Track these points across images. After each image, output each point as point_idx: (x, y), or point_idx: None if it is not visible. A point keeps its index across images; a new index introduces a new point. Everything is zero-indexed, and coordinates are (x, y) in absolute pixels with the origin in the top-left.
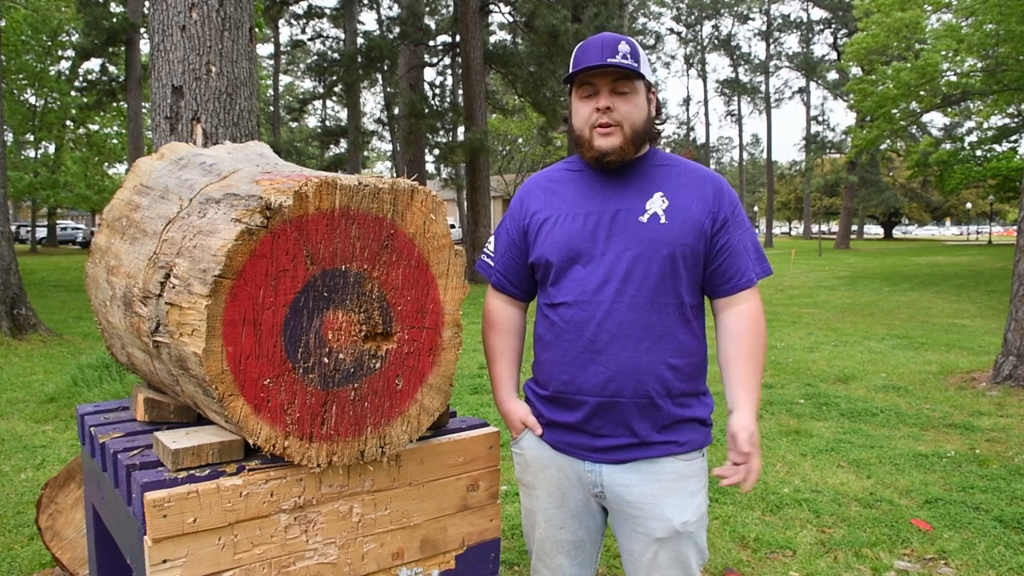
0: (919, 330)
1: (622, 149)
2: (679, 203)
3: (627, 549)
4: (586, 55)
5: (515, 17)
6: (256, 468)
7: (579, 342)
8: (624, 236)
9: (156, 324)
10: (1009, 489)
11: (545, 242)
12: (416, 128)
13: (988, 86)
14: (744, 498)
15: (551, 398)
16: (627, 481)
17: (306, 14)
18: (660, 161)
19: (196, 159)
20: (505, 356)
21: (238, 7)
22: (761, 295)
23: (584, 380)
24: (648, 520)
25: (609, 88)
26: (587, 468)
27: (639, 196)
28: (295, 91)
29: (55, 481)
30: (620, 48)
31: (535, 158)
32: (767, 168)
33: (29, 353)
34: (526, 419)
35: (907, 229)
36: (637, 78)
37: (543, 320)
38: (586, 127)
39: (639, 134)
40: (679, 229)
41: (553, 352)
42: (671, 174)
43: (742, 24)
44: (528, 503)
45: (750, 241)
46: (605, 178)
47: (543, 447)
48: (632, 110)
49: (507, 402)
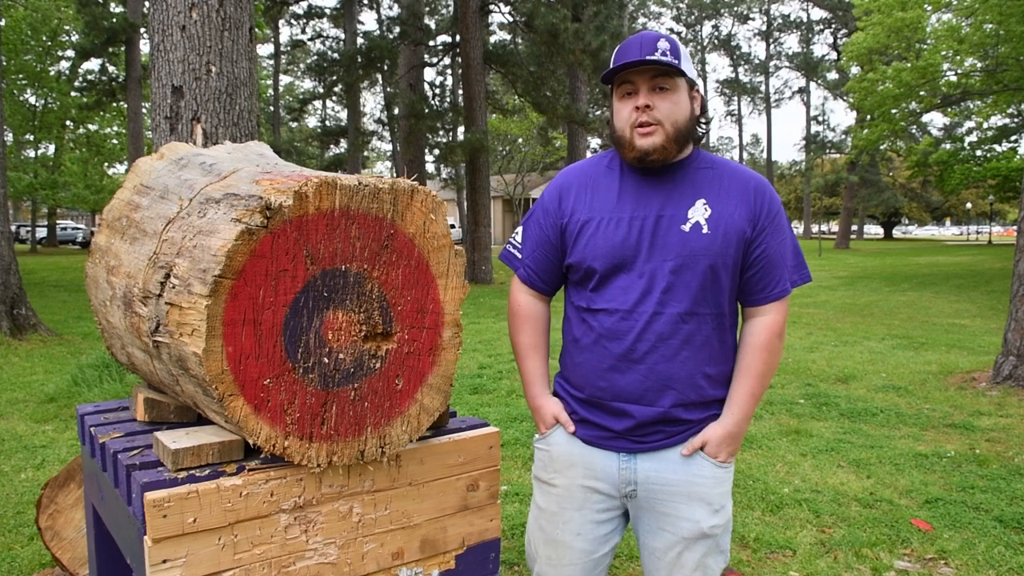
0: (919, 330)
1: (664, 148)
2: (722, 211)
3: (650, 547)
4: (625, 53)
5: (515, 17)
6: (256, 468)
7: (617, 350)
8: (667, 246)
9: (156, 324)
10: (1009, 489)
11: (588, 247)
12: (416, 128)
13: (988, 86)
14: (744, 498)
15: (585, 400)
16: (663, 477)
17: (306, 14)
18: (703, 164)
19: (196, 159)
20: (537, 352)
21: (238, 7)
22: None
23: (621, 388)
24: (677, 519)
25: (648, 86)
26: (622, 463)
27: (682, 202)
28: (295, 91)
29: (55, 481)
30: (659, 45)
31: (535, 158)
32: (767, 168)
33: (29, 353)
34: (559, 415)
35: (907, 229)
36: (677, 75)
37: (580, 323)
38: (627, 127)
39: (681, 133)
40: (721, 240)
41: (590, 356)
42: (714, 178)
43: (742, 24)
44: (544, 502)
45: (789, 248)
46: (647, 179)
47: (573, 443)
48: (673, 108)
49: (540, 397)
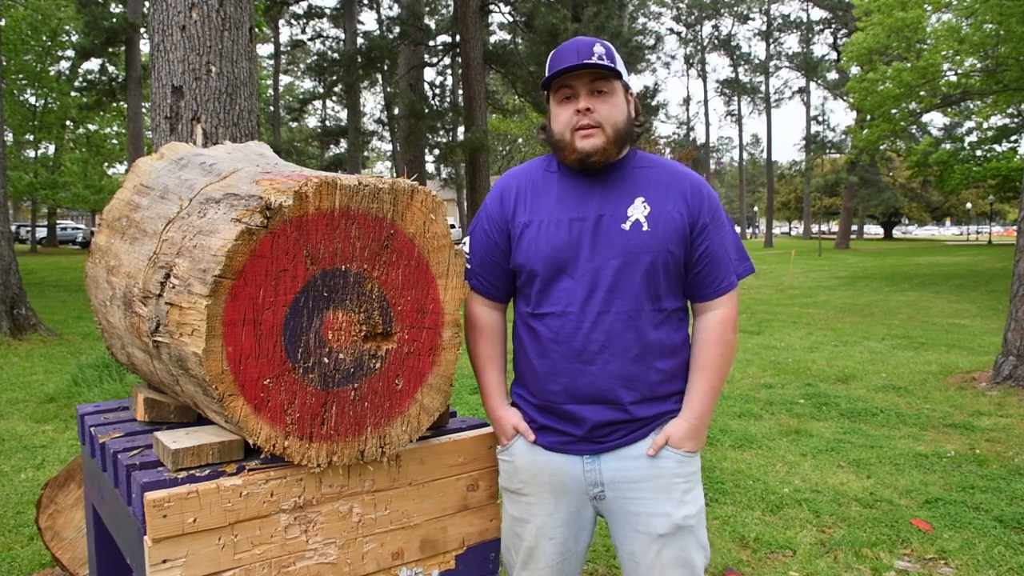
0: (919, 330)
1: (605, 150)
2: (661, 208)
3: (628, 551)
4: (562, 59)
5: (515, 17)
6: (256, 468)
7: (568, 353)
8: (608, 245)
9: (156, 324)
10: (1009, 489)
11: (529, 249)
12: (416, 128)
13: (988, 86)
14: (744, 498)
15: (541, 406)
16: (628, 475)
17: (306, 14)
18: (641, 163)
19: (196, 159)
20: (494, 363)
21: (238, 7)
22: (760, 295)
23: (576, 390)
24: (649, 517)
25: (587, 89)
26: (587, 466)
27: (621, 201)
28: (295, 91)
29: (55, 481)
30: (595, 50)
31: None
32: (767, 168)
33: (29, 353)
34: (518, 424)
35: (907, 229)
36: (615, 78)
37: (527, 329)
38: (567, 130)
39: (621, 134)
40: (661, 236)
41: (542, 362)
42: (652, 177)
43: (742, 24)
44: (515, 510)
45: (731, 243)
46: (587, 180)
47: (535, 451)
48: (612, 110)
49: (499, 408)
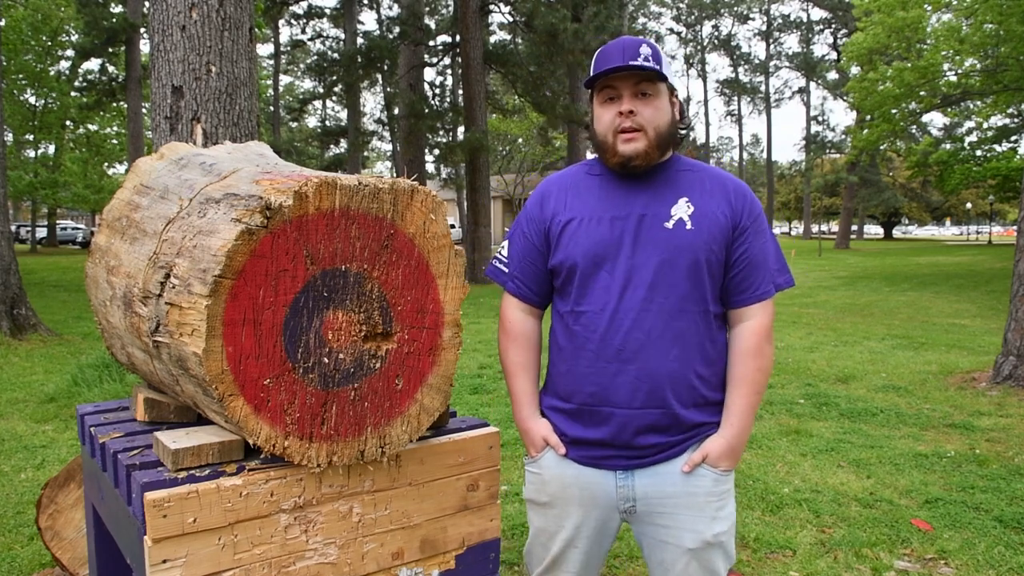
0: (919, 330)
1: (647, 153)
2: (705, 208)
3: (656, 559)
4: (607, 59)
5: (515, 17)
6: (256, 468)
7: (607, 351)
8: (650, 243)
9: (156, 324)
10: (1009, 489)
11: (569, 245)
12: (416, 128)
13: (988, 86)
14: (744, 498)
15: (575, 412)
16: (662, 491)
17: (306, 14)
18: (684, 167)
19: (196, 159)
20: (527, 371)
21: (238, 7)
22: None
23: (613, 391)
24: (680, 531)
25: (631, 91)
26: (620, 481)
27: (664, 201)
28: (295, 91)
29: (55, 481)
30: (641, 51)
31: (535, 158)
32: (767, 168)
33: (29, 353)
34: (548, 437)
35: (907, 229)
36: (660, 80)
37: (564, 329)
38: (609, 132)
39: (663, 138)
40: (706, 235)
41: (577, 363)
42: (695, 179)
43: (742, 24)
44: (541, 522)
45: (771, 251)
46: (629, 182)
47: (566, 465)
48: (656, 113)
49: (529, 419)
